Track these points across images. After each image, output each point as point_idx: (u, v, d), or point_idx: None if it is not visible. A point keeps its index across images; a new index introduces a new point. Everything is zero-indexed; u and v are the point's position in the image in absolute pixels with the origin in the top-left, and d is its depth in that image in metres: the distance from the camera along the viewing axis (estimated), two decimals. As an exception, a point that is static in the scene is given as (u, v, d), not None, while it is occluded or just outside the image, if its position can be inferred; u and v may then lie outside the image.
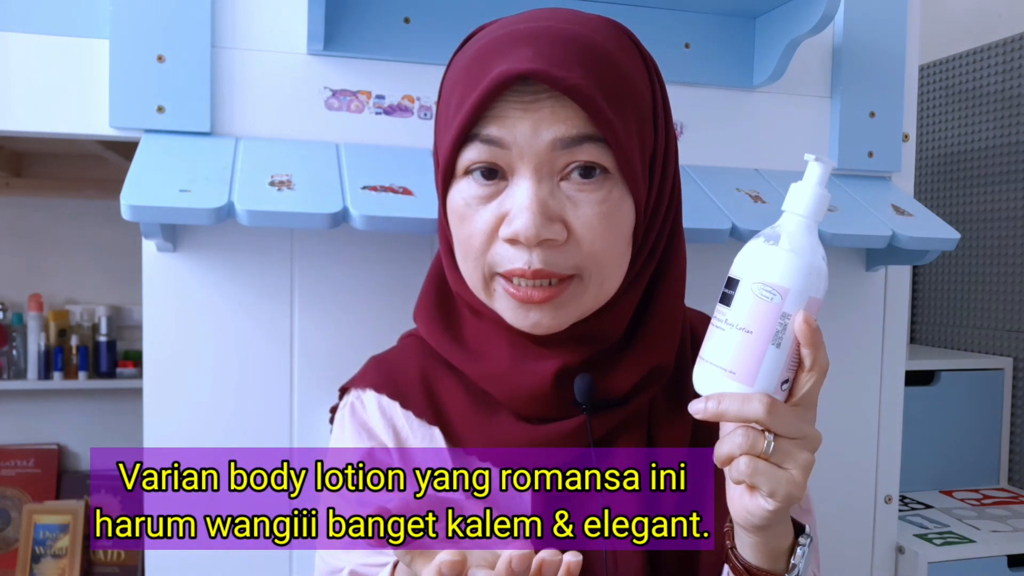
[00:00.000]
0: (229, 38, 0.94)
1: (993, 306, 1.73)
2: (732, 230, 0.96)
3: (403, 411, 0.70)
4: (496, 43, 0.62)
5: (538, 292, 0.62)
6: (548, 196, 0.61)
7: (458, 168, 0.64)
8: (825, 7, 0.94)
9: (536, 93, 0.60)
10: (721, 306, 0.57)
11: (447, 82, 0.67)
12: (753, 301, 0.55)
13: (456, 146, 0.63)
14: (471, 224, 0.63)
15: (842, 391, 1.17)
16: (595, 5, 1.01)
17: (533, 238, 0.60)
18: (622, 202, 0.63)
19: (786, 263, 0.55)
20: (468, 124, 0.61)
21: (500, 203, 0.62)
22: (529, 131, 0.60)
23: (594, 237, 0.62)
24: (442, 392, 0.70)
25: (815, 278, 0.55)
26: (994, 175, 1.72)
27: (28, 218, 2.32)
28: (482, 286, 0.65)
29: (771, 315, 0.54)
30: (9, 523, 2.23)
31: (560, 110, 0.60)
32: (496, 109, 0.61)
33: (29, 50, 0.90)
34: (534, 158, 0.61)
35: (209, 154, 0.89)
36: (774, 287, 0.54)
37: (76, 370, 2.25)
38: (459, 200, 0.64)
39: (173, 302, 0.93)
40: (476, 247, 0.63)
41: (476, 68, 0.62)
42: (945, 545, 1.26)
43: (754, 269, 0.55)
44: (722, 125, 1.10)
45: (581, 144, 0.61)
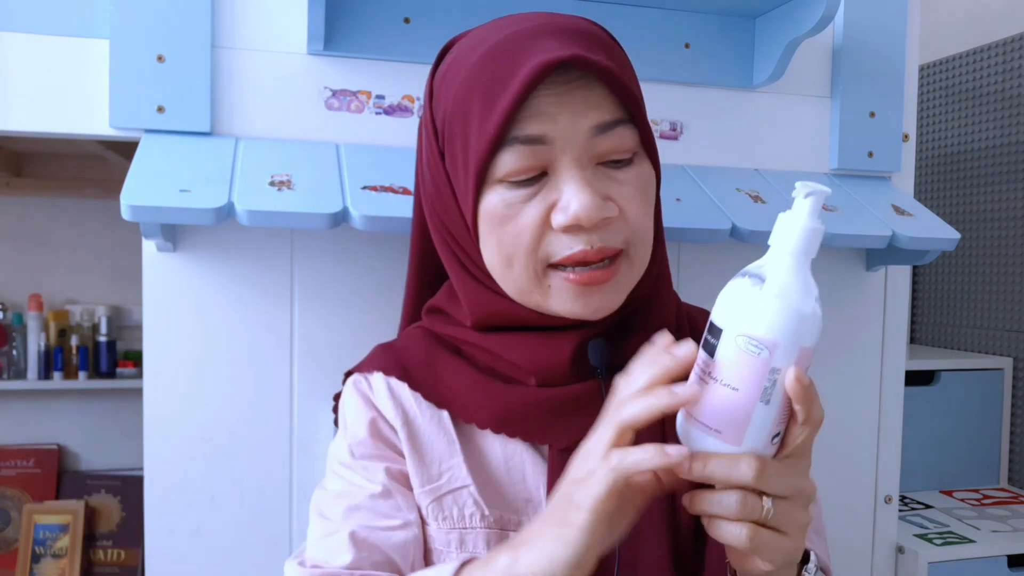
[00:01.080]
0: (229, 38, 0.94)
1: (993, 306, 1.73)
2: (732, 230, 0.96)
3: (412, 392, 0.70)
4: (510, 41, 0.62)
5: (601, 273, 0.63)
6: (593, 179, 0.62)
7: (492, 174, 0.62)
8: (825, 7, 0.94)
9: (567, 83, 0.61)
10: (704, 355, 0.51)
11: (456, 91, 0.64)
12: (738, 356, 0.49)
13: (490, 152, 0.61)
14: (517, 222, 0.62)
15: (842, 391, 1.17)
16: (596, 5, 1.01)
17: (595, 218, 0.61)
18: (650, 176, 0.66)
19: (774, 313, 0.49)
20: (504, 125, 0.60)
21: (545, 196, 0.62)
22: (568, 122, 0.61)
23: (637, 212, 0.64)
24: (448, 375, 0.70)
25: (807, 326, 0.49)
26: (994, 175, 1.72)
27: (28, 218, 2.32)
28: (535, 284, 0.64)
29: (759, 371, 0.49)
30: (9, 523, 2.23)
31: (591, 97, 0.61)
32: (529, 107, 0.60)
33: (29, 50, 0.90)
34: (576, 148, 0.61)
35: (209, 154, 0.89)
36: (761, 341, 0.49)
37: (76, 370, 2.25)
38: (499, 203, 0.63)
39: (173, 302, 0.93)
40: (526, 243, 0.63)
41: (497, 69, 0.61)
42: (945, 545, 1.26)
43: (738, 318, 0.50)
44: (722, 125, 1.10)
45: (615, 127, 0.62)
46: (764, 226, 0.97)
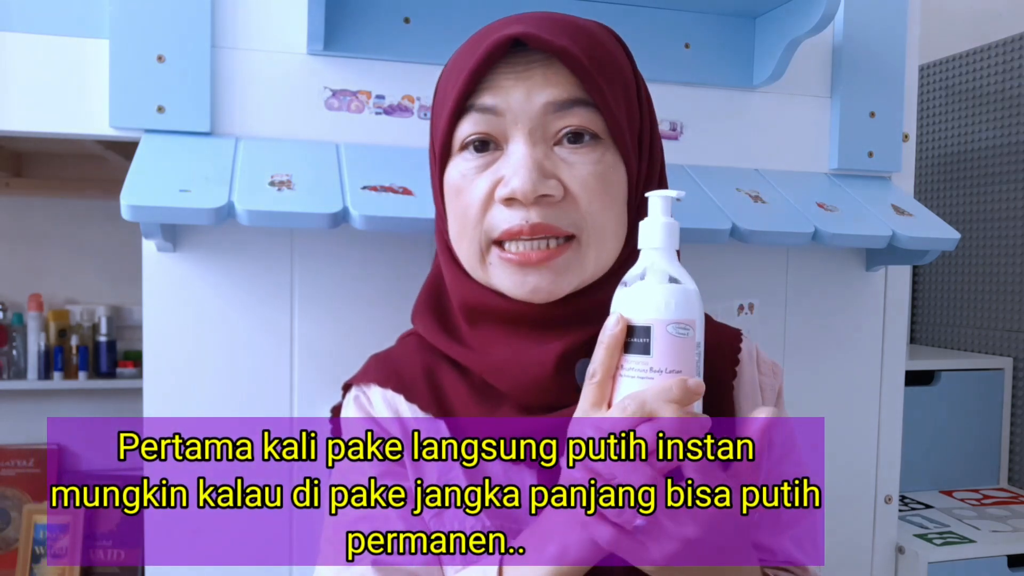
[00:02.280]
0: (229, 38, 0.94)
1: (993, 306, 1.73)
2: (732, 230, 0.96)
3: (408, 404, 0.70)
4: (485, 28, 0.66)
5: (536, 253, 0.63)
6: (543, 157, 0.63)
7: (454, 144, 0.66)
8: (825, 7, 0.94)
9: (528, 62, 0.63)
10: (636, 356, 0.56)
11: (440, 79, 0.71)
12: (673, 342, 0.55)
13: (452, 120, 0.65)
14: (467, 194, 0.65)
15: (842, 391, 1.17)
16: (596, 5, 1.01)
17: (530, 193, 0.61)
18: (615, 167, 0.65)
19: (686, 298, 0.56)
20: (463, 96, 0.64)
21: (495, 170, 0.64)
22: (522, 96, 0.63)
23: (591, 196, 0.64)
24: (446, 386, 0.70)
25: (700, 303, 0.58)
26: (994, 175, 1.72)
27: (28, 218, 2.32)
28: (479, 260, 0.66)
29: (690, 350, 0.56)
30: (9, 523, 2.23)
31: (551, 75, 0.63)
32: (489, 80, 0.64)
33: (29, 50, 0.90)
34: (528, 122, 0.63)
35: (209, 154, 0.89)
36: (685, 323, 0.56)
37: (76, 370, 2.25)
38: (456, 175, 0.66)
39: (173, 302, 0.93)
40: (472, 216, 0.64)
41: (468, 51, 0.66)
42: (945, 545, 1.26)
43: (661, 311, 0.56)
44: (722, 125, 1.10)
45: (572, 108, 0.63)
46: (764, 226, 0.97)
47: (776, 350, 1.13)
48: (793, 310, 1.14)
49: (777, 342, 1.13)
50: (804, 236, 0.99)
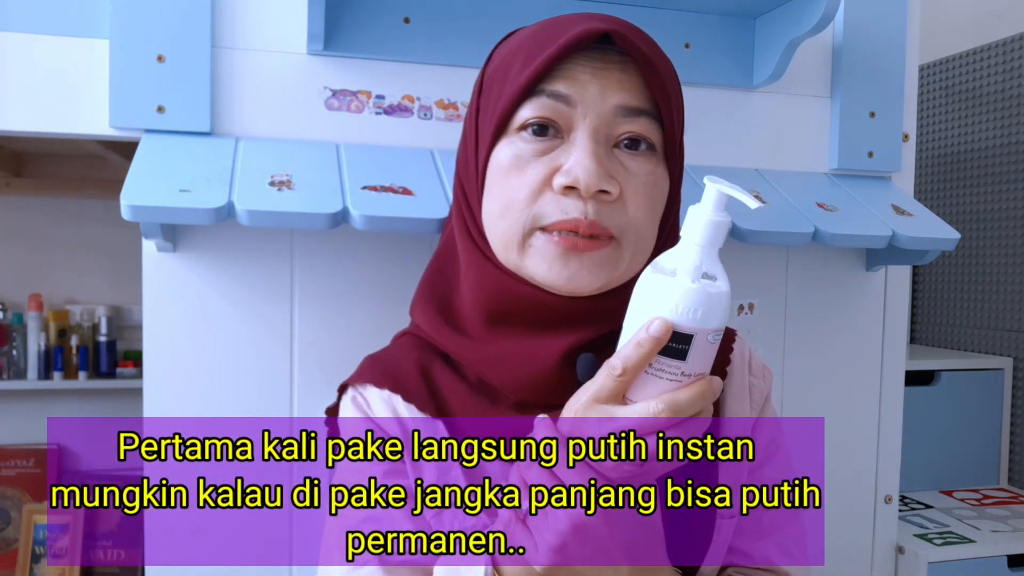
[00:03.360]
0: (229, 38, 0.94)
1: (993, 306, 1.73)
2: (732, 230, 0.96)
3: (405, 404, 0.70)
4: (561, 20, 0.66)
5: (585, 242, 0.63)
6: (605, 155, 0.64)
7: (513, 124, 0.65)
8: (825, 7, 0.94)
9: (605, 61, 0.64)
10: (670, 360, 0.55)
11: (495, 66, 0.69)
12: (708, 349, 0.55)
13: (517, 100, 0.64)
14: (520, 176, 0.64)
15: (842, 391, 1.17)
16: (596, 5, 1.01)
17: (593, 186, 0.61)
18: (663, 179, 0.67)
19: (727, 303, 0.55)
20: (535, 77, 0.63)
21: (553, 158, 0.64)
22: (597, 93, 0.63)
23: (639, 203, 0.64)
24: (442, 386, 0.70)
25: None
26: (994, 175, 1.72)
27: (28, 218, 2.31)
28: (519, 241, 0.65)
29: (714, 353, 0.56)
30: (9, 523, 2.23)
31: (627, 79, 0.64)
32: (564, 70, 0.63)
33: (29, 50, 0.90)
34: (596, 119, 0.63)
35: (209, 154, 0.89)
36: (720, 331, 0.55)
37: (76, 370, 2.25)
38: (508, 154, 0.65)
39: (173, 302, 0.93)
40: (523, 198, 0.64)
41: (545, 36, 0.65)
42: (945, 545, 1.26)
43: (708, 320, 0.54)
44: (722, 125, 1.10)
45: (639, 116, 0.64)
46: (764, 226, 0.97)
47: (776, 350, 1.13)
48: (793, 310, 1.14)
49: (777, 342, 1.13)
50: (804, 236, 0.99)
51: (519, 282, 0.66)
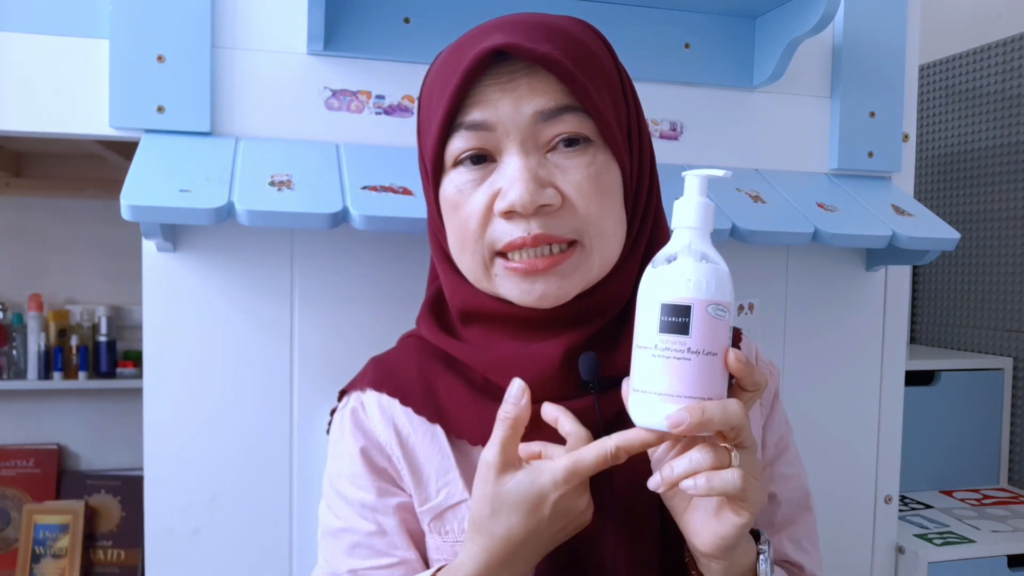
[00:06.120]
0: (229, 38, 0.94)
1: (993, 306, 1.73)
2: (732, 230, 0.96)
3: (403, 408, 0.70)
4: (465, 38, 0.66)
5: (541, 261, 0.63)
6: (537, 166, 0.63)
7: (447, 160, 0.66)
8: (825, 7, 0.94)
9: (511, 72, 0.63)
10: (672, 336, 0.55)
11: (424, 90, 0.70)
12: (711, 323, 0.55)
13: (442, 138, 0.64)
14: (465, 208, 0.65)
15: (842, 391, 1.17)
16: (596, 5, 1.01)
17: (529, 204, 0.61)
18: (608, 167, 0.65)
19: (725, 278, 0.56)
20: (450, 113, 0.63)
21: (491, 183, 0.64)
22: (511, 108, 0.62)
23: (587, 200, 0.63)
24: (441, 390, 0.70)
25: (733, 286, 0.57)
26: (994, 175, 1.72)
27: (28, 218, 2.32)
28: (483, 272, 0.66)
29: (725, 333, 0.55)
30: (9, 523, 2.23)
31: (537, 84, 0.63)
32: (475, 95, 0.63)
33: (29, 50, 0.90)
34: (519, 133, 0.63)
35: (209, 154, 0.89)
36: (723, 304, 0.55)
37: (76, 370, 2.25)
38: (451, 190, 0.65)
39: (173, 302, 0.93)
40: (473, 230, 0.64)
41: (451, 63, 0.65)
42: (945, 545, 1.26)
43: (703, 289, 0.55)
44: (722, 125, 1.10)
45: (561, 115, 0.63)
46: (764, 226, 0.97)
47: (776, 350, 1.13)
48: (793, 310, 1.14)
49: (777, 342, 1.13)
50: (804, 236, 0.99)
51: (500, 302, 0.67)
